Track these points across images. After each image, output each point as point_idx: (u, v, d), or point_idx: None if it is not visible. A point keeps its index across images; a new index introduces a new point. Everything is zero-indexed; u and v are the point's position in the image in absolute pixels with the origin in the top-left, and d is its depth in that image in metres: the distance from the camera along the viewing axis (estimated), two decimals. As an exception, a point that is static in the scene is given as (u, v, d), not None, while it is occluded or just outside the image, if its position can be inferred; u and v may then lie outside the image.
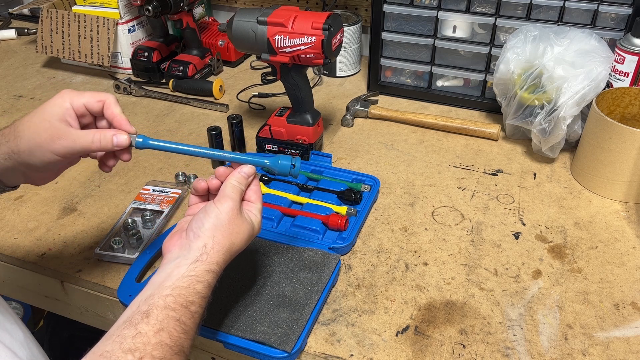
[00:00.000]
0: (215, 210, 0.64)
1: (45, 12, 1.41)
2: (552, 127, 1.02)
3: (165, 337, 0.53)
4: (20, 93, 1.38)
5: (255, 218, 0.69)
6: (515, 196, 1.00)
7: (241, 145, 1.12)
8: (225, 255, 0.64)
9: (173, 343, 0.54)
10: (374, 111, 1.23)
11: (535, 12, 1.14)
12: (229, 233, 0.64)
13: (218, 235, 0.63)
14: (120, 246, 0.87)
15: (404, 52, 1.28)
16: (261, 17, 0.96)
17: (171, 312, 0.56)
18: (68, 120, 0.64)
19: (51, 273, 0.87)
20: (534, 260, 0.87)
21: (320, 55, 0.95)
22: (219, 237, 0.63)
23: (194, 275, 0.60)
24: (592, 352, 0.72)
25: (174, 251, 0.63)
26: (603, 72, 1.00)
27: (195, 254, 0.61)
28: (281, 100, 1.32)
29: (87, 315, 0.91)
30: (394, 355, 0.72)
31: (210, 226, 0.63)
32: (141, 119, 1.26)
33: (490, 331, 0.75)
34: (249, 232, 0.67)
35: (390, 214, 0.96)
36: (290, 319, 0.74)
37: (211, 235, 0.63)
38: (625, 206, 0.98)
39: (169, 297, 0.57)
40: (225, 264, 0.64)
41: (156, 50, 1.39)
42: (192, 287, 0.59)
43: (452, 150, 1.13)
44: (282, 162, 0.71)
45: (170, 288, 0.58)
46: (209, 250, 0.62)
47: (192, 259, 0.61)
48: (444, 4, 1.18)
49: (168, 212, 0.95)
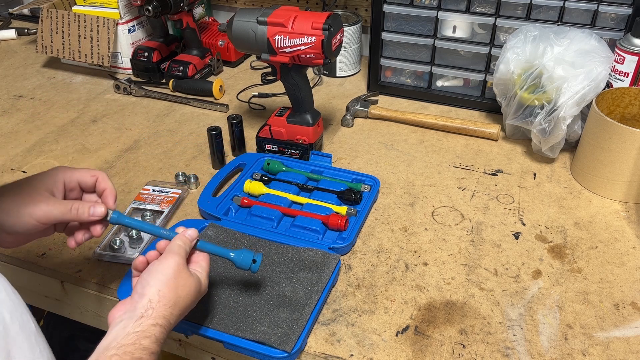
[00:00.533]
0: (159, 267, 0.63)
1: (45, 12, 1.41)
2: (552, 127, 1.02)
3: None
4: (21, 93, 1.38)
5: (202, 275, 0.67)
6: (515, 196, 1.00)
7: (241, 145, 1.12)
8: (173, 309, 0.61)
9: None
10: (374, 111, 1.23)
11: (535, 12, 1.14)
12: (174, 286, 0.62)
13: (164, 289, 0.62)
14: (120, 246, 0.87)
15: (404, 52, 1.28)
16: (261, 17, 0.96)
17: None
18: (53, 191, 0.67)
19: (51, 273, 0.87)
20: (534, 260, 0.87)
21: (320, 55, 0.95)
22: (164, 290, 0.61)
23: (139, 331, 0.58)
24: (592, 352, 0.73)
25: (119, 315, 0.62)
26: (603, 72, 1.00)
27: (141, 311, 0.60)
28: (281, 100, 1.32)
29: (87, 315, 0.91)
30: (394, 355, 0.72)
31: (156, 282, 0.62)
32: (141, 119, 1.26)
33: (490, 331, 0.75)
34: (195, 287, 0.65)
35: (390, 214, 0.96)
36: (290, 319, 0.74)
37: (156, 291, 0.61)
38: (625, 206, 0.98)
39: (114, 357, 0.55)
40: (174, 319, 0.62)
41: (156, 50, 1.39)
42: (138, 342, 0.57)
43: (452, 150, 1.13)
44: (244, 257, 0.71)
45: (115, 348, 0.56)
46: (155, 305, 0.60)
47: (137, 317, 0.59)
48: (444, 4, 1.18)
49: (168, 212, 0.95)
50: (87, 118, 1.27)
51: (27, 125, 1.24)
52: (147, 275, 0.63)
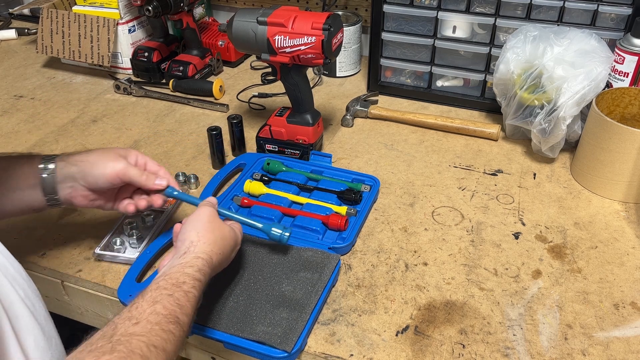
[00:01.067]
0: (193, 217, 0.72)
1: (45, 12, 1.41)
2: (551, 127, 1.02)
3: (160, 308, 0.58)
4: (21, 93, 1.38)
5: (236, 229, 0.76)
6: (515, 196, 1.01)
7: (241, 145, 1.12)
8: (213, 246, 0.69)
9: (167, 312, 0.58)
10: (374, 111, 1.24)
11: (535, 12, 1.14)
12: (211, 228, 0.71)
13: (201, 231, 0.70)
14: (120, 246, 0.87)
15: (404, 52, 1.28)
16: (261, 17, 0.96)
17: (164, 290, 0.61)
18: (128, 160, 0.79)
19: (51, 273, 0.87)
20: (534, 260, 0.87)
21: (320, 55, 0.95)
22: (202, 232, 0.70)
23: (183, 262, 0.66)
24: (592, 352, 0.73)
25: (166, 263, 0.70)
26: (603, 72, 1.00)
27: (183, 249, 0.68)
28: (281, 100, 1.33)
29: (87, 315, 0.91)
30: (394, 355, 0.72)
31: (193, 226, 0.71)
32: (141, 119, 1.26)
33: (490, 331, 0.75)
34: (230, 234, 0.73)
35: (390, 214, 0.96)
36: (290, 318, 0.74)
37: (195, 233, 0.69)
38: (625, 206, 0.98)
39: (161, 281, 0.62)
40: (216, 257, 0.69)
41: (156, 50, 1.39)
42: (182, 270, 0.64)
43: (452, 150, 1.13)
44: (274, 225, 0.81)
45: (162, 276, 0.64)
46: (196, 243, 0.68)
47: (181, 253, 0.67)
48: (444, 4, 1.18)
49: (168, 212, 0.95)
50: (87, 118, 1.27)
51: (27, 125, 1.24)
52: (185, 226, 0.72)
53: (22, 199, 0.76)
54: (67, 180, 0.76)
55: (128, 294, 0.79)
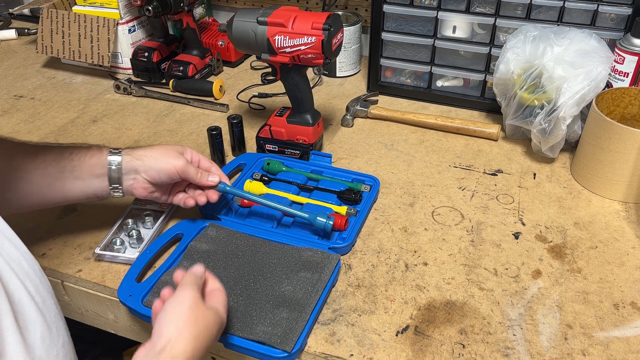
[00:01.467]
0: (173, 302, 0.64)
1: (45, 12, 1.41)
2: (551, 127, 1.02)
3: None
4: (21, 93, 1.38)
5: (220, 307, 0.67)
6: (515, 196, 1.01)
7: (241, 145, 1.12)
8: (195, 343, 0.61)
9: None
10: (374, 111, 1.24)
11: (535, 12, 1.14)
12: (194, 320, 0.62)
13: (182, 323, 0.62)
14: (120, 246, 0.87)
15: (404, 52, 1.28)
16: (261, 17, 0.96)
17: None
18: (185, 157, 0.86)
19: (51, 273, 0.87)
20: (534, 260, 0.87)
21: (320, 55, 0.95)
22: (182, 324, 0.62)
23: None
24: (592, 352, 0.73)
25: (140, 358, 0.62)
26: (603, 72, 1.00)
27: (159, 347, 0.60)
28: (281, 100, 1.33)
29: (87, 315, 0.91)
30: (394, 355, 0.72)
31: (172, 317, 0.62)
32: (141, 119, 1.26)
33: (490, 331, 0.75)
34: (214, 320, 0.65)
35: (390, 214, 0.96)
36: (290, 318, 0.74)
37: (174, 327, 0.61)
38: (625, 206, 0.98)
39: None
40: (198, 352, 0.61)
41: (156, 50, 1.39)
42: None
43: (452, 150, 1.13)
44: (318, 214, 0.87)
45: None
46: (174, 341, 0.60)
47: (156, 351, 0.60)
48: (443, 4, 1.18)
49: (168, 212, 0.95)
50: (87, 118, 1.27)
51: (27, 126, 1.24)
52: (164, 314, 0.63)
53: (89, 186, 0.82)
54: (131, 173, 0.83)
55: (128, 294, 0.78)
